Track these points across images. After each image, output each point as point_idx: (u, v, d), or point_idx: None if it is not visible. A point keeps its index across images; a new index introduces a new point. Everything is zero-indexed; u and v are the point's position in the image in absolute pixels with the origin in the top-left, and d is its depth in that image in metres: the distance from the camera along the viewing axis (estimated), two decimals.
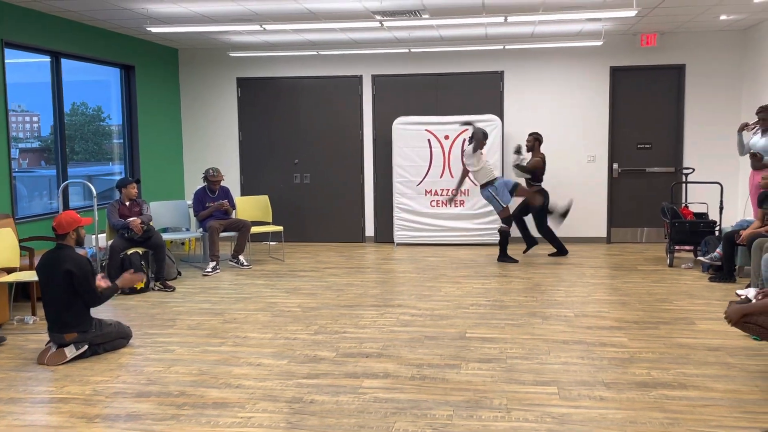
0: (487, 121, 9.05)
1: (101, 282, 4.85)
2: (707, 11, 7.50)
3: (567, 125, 9.30)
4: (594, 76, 9.20)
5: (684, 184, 8.54)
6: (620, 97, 9.24)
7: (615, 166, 9.33)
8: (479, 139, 7.71)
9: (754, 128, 7.66)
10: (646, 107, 9.23)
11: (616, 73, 9.18)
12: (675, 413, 3.59)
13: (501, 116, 9.31)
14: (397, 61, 9.51)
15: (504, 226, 7.93)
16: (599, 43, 8.79)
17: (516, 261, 8.02)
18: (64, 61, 7.59)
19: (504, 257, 8.04)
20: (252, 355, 4.70)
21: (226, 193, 8.17)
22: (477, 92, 9.41)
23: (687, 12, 7.52)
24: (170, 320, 5.69)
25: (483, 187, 7.87)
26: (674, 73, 9.11)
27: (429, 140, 9.23)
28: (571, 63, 9.23)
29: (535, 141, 8.26)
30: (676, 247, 7.92)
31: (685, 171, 8.78)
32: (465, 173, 8.12)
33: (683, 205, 8.31)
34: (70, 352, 4.63)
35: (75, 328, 4.64)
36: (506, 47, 9.12)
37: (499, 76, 9.35)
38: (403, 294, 6.48)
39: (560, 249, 8.34)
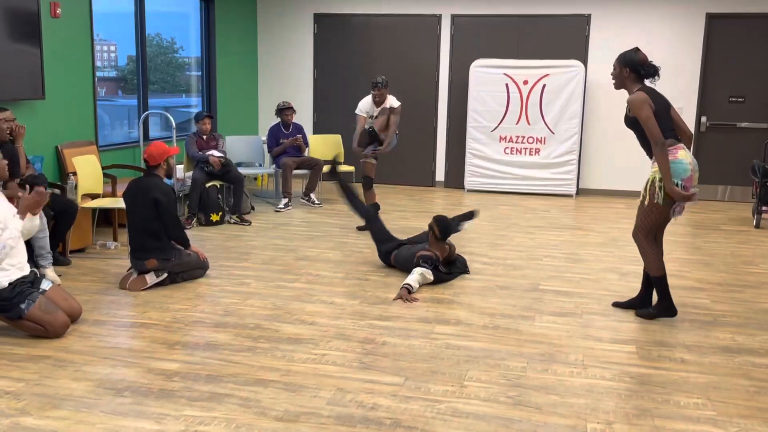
0: (568, 67, 8.69)
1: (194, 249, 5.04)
2: None
3: None
4: (688, 23, 8.66)
5: None
6: (715, 46, 8.69)
7: (703, 119, 8.86)
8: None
9: None
10: (742, 58, 8.66)
11: (712, 20, 8.62)
12: (762, 381, 3.44)
13: (585, 62, 8.91)
14: (478, 0, 9.17)
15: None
16: None
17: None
18: None
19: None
20: (324, 293, 4.74)
21: (299, 130, 8.17)
22: (560, 36, 9.01)
23: None
24: (245, 254, 5.78)
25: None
26: None
27: (507, 84, 8.95)
28: (664, 8, 8.70)
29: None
30: (764, 208, 7.53)
31: None
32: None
33: None
34: (151, 279, 4.77)
35: (157, 254, 4.76)
36: None
37: (585, 19, 8.91)
38: (473, 241, 6.39)
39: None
